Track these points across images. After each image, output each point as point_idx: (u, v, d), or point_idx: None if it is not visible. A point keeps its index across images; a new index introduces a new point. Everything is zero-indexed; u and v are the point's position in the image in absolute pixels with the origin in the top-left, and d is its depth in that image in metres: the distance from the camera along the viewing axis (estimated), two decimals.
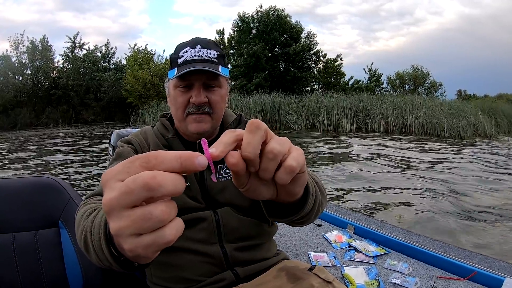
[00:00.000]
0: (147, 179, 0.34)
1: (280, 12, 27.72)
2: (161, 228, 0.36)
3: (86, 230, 0.66)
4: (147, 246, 0.37)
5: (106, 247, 0.56)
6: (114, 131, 1.87)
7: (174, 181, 0.35)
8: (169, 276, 1.01)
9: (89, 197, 0.87)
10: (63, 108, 25.50)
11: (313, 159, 8.64)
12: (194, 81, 1.00)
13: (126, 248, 0.38)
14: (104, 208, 0.37)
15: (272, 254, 1.12)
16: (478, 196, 5.21)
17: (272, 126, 17.48)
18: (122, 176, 0.36)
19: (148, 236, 0.36)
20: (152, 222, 0.35)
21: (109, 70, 27.87)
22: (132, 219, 0.35)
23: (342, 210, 2.54)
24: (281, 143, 0.46)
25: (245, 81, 25.67)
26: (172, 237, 0.37)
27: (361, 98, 17.18)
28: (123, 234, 0.37)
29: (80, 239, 0.70)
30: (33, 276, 1.16)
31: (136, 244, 0.37)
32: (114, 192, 0.36)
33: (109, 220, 0.38)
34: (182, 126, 1.05)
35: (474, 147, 10.92)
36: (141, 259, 0.42)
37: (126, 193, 0.35)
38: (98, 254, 0.60)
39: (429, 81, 31.71)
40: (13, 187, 1.24)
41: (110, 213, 0.37)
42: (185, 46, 1.02)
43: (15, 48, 24.97)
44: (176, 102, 1.03)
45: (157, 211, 0.35)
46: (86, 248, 0.68)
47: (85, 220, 0.70)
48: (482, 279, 1.60)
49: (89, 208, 0.75)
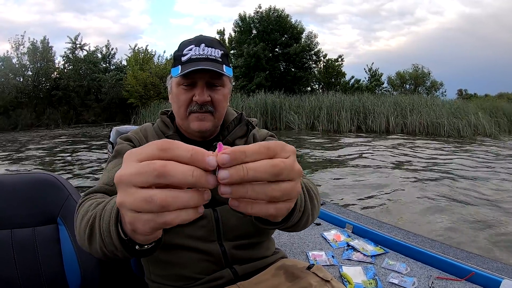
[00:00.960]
0: (158, 167, 0.38)
1: (280, 12, 27.71)
2: (162, 212, 0.40)
3: (95, 216, 0.68)
4: (146, 222, 0.41)
5: (114, 228, 0.59)
6: (114, 128, 1.86)
7: (183, 172, 0.39)
8: (168, 274, 1.01)
9: (89, 194, 0.87)
10: (64, 109, 25.47)
11: (314, 160, 8.64)
12: (198, 79, 1.00)
13: (126, 219, 0.44)
14: (115, 179, 0.42)
15: (271, 253, 1.12)
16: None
17: (273, 126, 17.50)
18: (140, 157, 0.41)
19: (147, 215, 0.41)
20: (151, 206, 0.39)
21: (109, 71, 27.83)
22: (135, 197, 0.40)
23: (341, 209, 2.55)
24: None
25: (245, 81, 25.66)
26: (170, 220, 0.40)
27: (362, 98, 17.17)
28: (125, 207, 0.42)
29: (84, 229, 0.71)
30: (32, 273, 1.16)
31: (136, 217, 0.42)
32: (128, 170, 0.41)
33: (118, 191, 0.43)
34: (184, 124, 1.05)
35: (474, 146, 10.90)
36: (138, 235, 0.48)
37: (137, 174, 0.40)
38: (104, 238, 0.63)
39: (430, 81, 31.69)
40: (12, 183, 1.23)
41: (119, 186, 0.42)
42: (189, 44, 1.01)
43: (15, 49, 24.94)
44: (178, 100, 1.03)
45: (159, 197, 0.39)
46: (90, 235, 0.69)
47: (94, 209, 0.72)
48: (480, 280, 1.60)
49: (96, 201, 0.76)
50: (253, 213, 0.45)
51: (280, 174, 0.43)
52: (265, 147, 0.43)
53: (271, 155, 0.43)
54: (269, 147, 0.43)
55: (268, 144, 0.44)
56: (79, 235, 0.75)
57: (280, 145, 0.45)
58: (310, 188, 0.84)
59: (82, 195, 0.87)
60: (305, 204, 0.73)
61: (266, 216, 0.47)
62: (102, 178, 0.95)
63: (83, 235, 0.71)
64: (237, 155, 0.41)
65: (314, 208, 0.81)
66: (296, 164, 0.46)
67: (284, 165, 0.43)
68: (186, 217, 0.41)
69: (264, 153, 0.43)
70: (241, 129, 1.14)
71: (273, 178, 0.43)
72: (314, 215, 0.82)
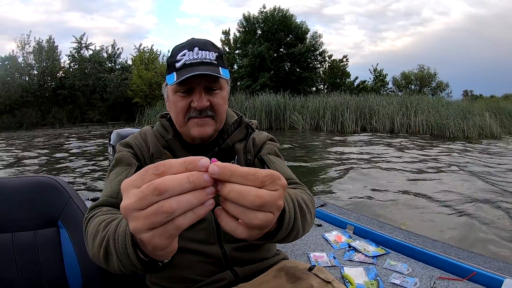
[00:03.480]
0: (157, 185, 0.41)
1: (284, 12, 27.66)
2: (172, 219, 0.42)
3: (109, 238, 0.68)
4: (161, 234, 0.44)
5: (133, 251, 0.59)
6: (114, 131, 1.87)
7: (179, 181, 0.41)
8: (169, 276, 1.01)
9: (94, 208, 0.86)
10: (69, 108, 25.64)
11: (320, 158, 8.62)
12: (195, 85, 0.97)
13: (144, 239, 0.45)
14: (122, 212, 0.45)
15: (272, 254, 1.12)
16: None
17: (277, 127, 17.48)
18: (138, 183, 0.43)
19: (160, 228, 0.43)
20: (160, 217, 0.42)
21: (115, 70, 27.96)
22: (144, 217, 0.42)
23: (342, 210, 2.54)
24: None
25: (250, 81, 25.68)
26: (181, 223, 0.43)
27: (367, 98, 17.11)
28: (139, 231, 0.44)
29: (98, 249, 0.71)
30: (33, 276, 1.16)
31: (152, 235, 0.44)
32: (131, 199, 0.43)
33: (128, 221, 0.45)
34: (184, 131, 1.04)
35: (480, 147, 10.82)
36: (159, 251, 0.49)
37: (140, 199, 0.42)
38: (123, 260, 0.63)
39: (436, 82, 31.53)
40: (13, 187, 1.24)
41: (128, 216, 0.44)
42: (182, 49, 0.98)
43: (21, 49, 25.18)
44: (176, 108, 1.00)
45: (163, 206, 0.41)
46: (106, 256, 0.69)
47: (105, 230, 0.71)
48: (482, 279, 1.59)
49: (104, 220, 0.75)
50: (227, 229, 0.47)
51: (262, 206, 0.45)
52: (255, 175, 0.45)
53: (259, 185, 0.45)
54: (259, 177, 0.45)
55: (260, 172, 0.45)
56: (93, 254, 0.75)
57: (272, 178, 0.46)
58: (303, 201, 0.83)
59: (88, 209, 0.87)
60: (294, 222, 0.72)
61: (237, 236, 0.48)
62: (105, 190, 0.94)
63: (98, 255, 0.72)
64: (225, 171, 0.44)
65: (306, 223, 0.81)
66: (281, 199, 0.48)
67: (270, 199, 0.45)
68: (195, 215, 0.43)
69: (251, 180, 0.45)
70: (240, 132, 1.13)
71: (254, 208, 0.45)
72: (305, 229, 0.82)
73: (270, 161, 1.07)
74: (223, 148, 1.07)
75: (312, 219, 0.87)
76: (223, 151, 1.07)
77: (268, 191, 0.45)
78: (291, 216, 0.71)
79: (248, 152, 1.11)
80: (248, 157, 1.11)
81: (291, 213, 0.71)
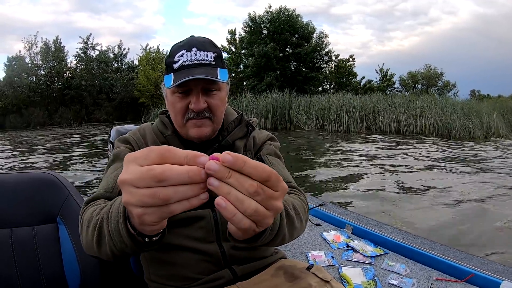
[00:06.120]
0: (158, 173, 0.43)
1: (290, 12, 27.62)
2: (166, 204, 0.45)
3: (102, 218, 0.70)
4: (152, 213, 0.46)
5: (123, 226, 0.62)
6: (114, 128, 1.88)
7: (179, 175, 0.43)
8: (167, 274, 1.02)
9: (90, 201, 0.87)
10: (76, 108, 25.83)
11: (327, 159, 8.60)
12: (192, 86, 0.97)
13: (134, 214, 0.48)
14: (118, 182, 0.47)
15: (270, 253, 1.12)
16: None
17: (282, 126, 17.46)
18: (141, 162, 0.45)
19: (153, 208, 0.46)
20: (155, 200, 0.44)
21: (121, 70, 28.12)
22: (139, 195, 0.45)
23: (341, 210, 2.54)
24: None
25: (256, 81, 25.68)
26: (174, 209, 0.45)
27: (372, 98, 17.02)
28: (131, 205, 0.47)
29: (92, 233, 0.73)
30: (31, 272, 1.17)
31: (143, 211, 0.46)
32: (130, 175, 0.45)
33: (123, 192, 0.48)
34: (182, 131, 1.04)
35: (485, 148, 10.72)
36: (147, 226, 0.52)
37: (139, 179, 0.44)
38: (114, 238, 0.65)
39: (443, 81, 31.31)
40: (12, 182, 1.24)
41: (123, 188, 0.47)
42: (180, 49, 0.98)
43: (28, 49, 25.39)
44: (175, 108, 1.01)
45: (161, 193, 0.43)
46: (99, 238, 0.71)
47: (99, 214, 0.73)
48: (479, 281, 1.59)
49: (99, 207, 0.77)
50: (225, 214, 0.47)
51: (257, 195, 0.46)
52: (266, 171, 0.46)
53: (266, 179, 0.46)
54: (268, 174, 0.46)
55: (270, 170, 0.47)
56: (86, 241, 0.76)
57: (277, 179, 0.48)
58: (293, 207, 0.84)
59: (84, 203, 0.88)
60: (280, 228, 0.73)
61: (234, 224, 0.49)
62: (102, 184, 0.95)
63: (91, 240, 0.73)
64: (239, 160, 0.45)
65: (293, 229, 0.82)
66: (280, 201, 0.49)
67: (270, 194, 0.47)
68: (188, 205, 0.45)
69: (259, 174, 0.46)
70: (241, 130, 1.13)
71: (250, 195, 0.46)
72: (293, 235, 0.84)
73: (270, 162, 1.08)
74: (223, 145, 1.08)
75: (302, 225, 0.88)
76: (223, 148, 1.07)
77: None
78: (276, 222, 0.72)
79: (248, 150, 1.12)
80: (248, 155, 1.10)
81: (277, 219, 0.72)
